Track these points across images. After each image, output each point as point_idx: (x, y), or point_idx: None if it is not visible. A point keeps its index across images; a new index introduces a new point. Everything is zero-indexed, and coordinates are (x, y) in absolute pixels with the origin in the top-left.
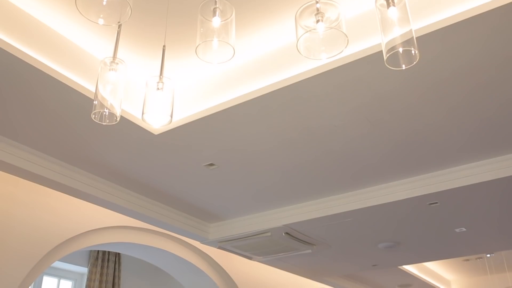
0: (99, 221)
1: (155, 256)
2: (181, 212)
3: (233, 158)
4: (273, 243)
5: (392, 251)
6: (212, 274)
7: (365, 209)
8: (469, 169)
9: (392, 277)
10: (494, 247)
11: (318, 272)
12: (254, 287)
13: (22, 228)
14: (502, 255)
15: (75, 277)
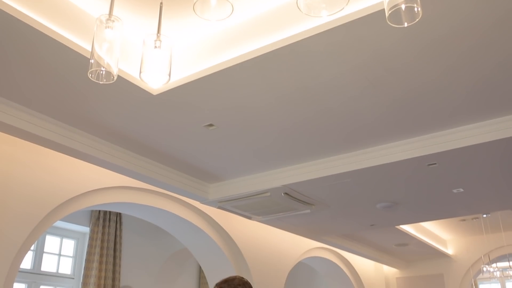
0: (99, 181)
1: (155, 215)
2: (181, 173)
3: (232, 118)
4: (272, 203)
5: (390, 211)
6: (212, 234)
7: (364, 169)
8: (468, 130)
9: (389, 237)
10: (491, 207)
11: (316, 232)
12: (254, 246)
13: (23, 189)
14: (498, 215)
15: (77, 236)
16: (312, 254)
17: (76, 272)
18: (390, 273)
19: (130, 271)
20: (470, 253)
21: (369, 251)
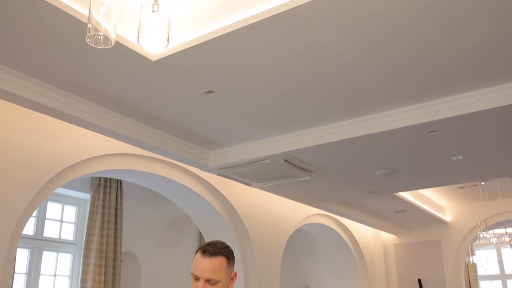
0: (99, 148)
1: (156, 182)
2: (180, 140)
3: (232, 85)
4: (272, 170)
5: (389, 178)
6: (212, 200)
7: (364, 137)
8: (468, 97)
9: (387, 204)
10: (489, 175)
11: (316, 199)
12: (253, 213)
13: (23, 156)
14: (496, 183)
15: (79, 203)
16: (311, 221)
17: (78, 238)
18: (388, 240)
19: (131, 237)
20: (467, 220)
21: (367, 217)
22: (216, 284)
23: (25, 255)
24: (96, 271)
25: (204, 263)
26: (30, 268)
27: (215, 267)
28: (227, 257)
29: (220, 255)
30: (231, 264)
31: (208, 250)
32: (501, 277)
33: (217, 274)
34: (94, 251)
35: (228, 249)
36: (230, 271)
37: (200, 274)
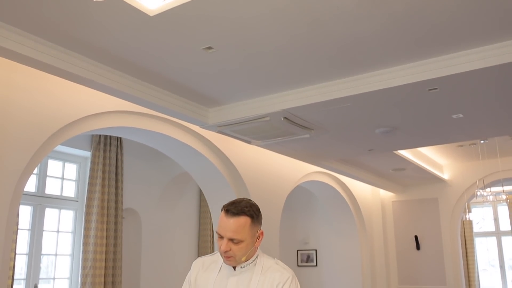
0: (99, 106)
1: (155, 140)
2: (180, 97)
3: (232, 41)
4: (271, 128)
5: (388, 136)
6: (212, 158)
7: (364, 94)
8: (470, 54)
9: (386, 162)
10: (489, 133)
11: (315, 156)
12: (253, 170)
13: (23, 113)
14: (495, 141)
15: (79, 160)
16: (311, 178)
17: (79, 195)
18: (386, 197)
19: (132, 194)
20: (465, 178)
21: (366, 175)
22: (239, 243)
23: (28, 212)
24: (98, 227)
25: (227, 223)
26: (33, 224)
27: (238, 227)
28: (251, 217)
29: (243, 215)
30: (256, 223)
31: (231, 210)
32: (496, 234)
33: (240, 234)
34: (95, 208)
35: (252, 208)
36: (255, 230)
37: (223, 233)
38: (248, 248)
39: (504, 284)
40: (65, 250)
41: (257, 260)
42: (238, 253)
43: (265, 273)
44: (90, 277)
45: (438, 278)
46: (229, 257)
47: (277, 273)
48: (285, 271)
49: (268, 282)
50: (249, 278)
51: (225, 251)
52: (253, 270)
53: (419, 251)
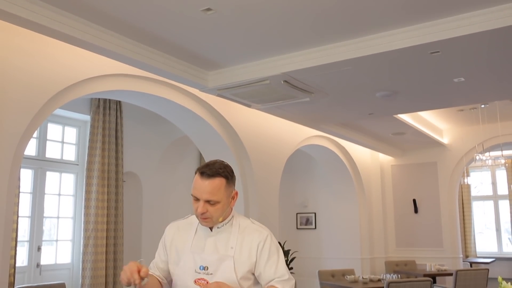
0: (98, 68)
1: (155, 103)
2: (179, 60)
3: (231, 2)
4: (271, 91)
5: (389, 100)
6: (211, 121)
7: (365, 57)
8: (473, 17)
9: (386, 126)
10: (490, 97)
11: (315, 120)
12: (253, 134)
13: (22, 76)
14: (496, 106)
15: (79, 124)
16: (310, 142)
17: (80, 159)
18: (386, 161)
19: (132, 158)
20: (465, 142)
21: (366, 139)
22: (215, 204)
23: (29, 175)
24: (99, 190)
25: (203, 185)
26: (35, 187)
27: (214, 189)
28: (226, 177)
29: (218, 176)
30: (231, 183)
31: (206, 172)
32: (493, 198)
33: (216, 195)
34: (96, 172)
35: (227, 168)
36: (230, 191)
37: (199, 195)
38: (224, 209)
39: (500, 247)
40: (67, 213)
41: (233, 220)
42: (215, 214)
43: (242, 232)
44: (92, 239)
45: (435, 240)
46: (206, 219)
47: (255, 233)
48: (263, 229)
49: (247, 242)
50: (227, 237)
51: (202, 213)
52: (230, 230)
53: (417, 214)
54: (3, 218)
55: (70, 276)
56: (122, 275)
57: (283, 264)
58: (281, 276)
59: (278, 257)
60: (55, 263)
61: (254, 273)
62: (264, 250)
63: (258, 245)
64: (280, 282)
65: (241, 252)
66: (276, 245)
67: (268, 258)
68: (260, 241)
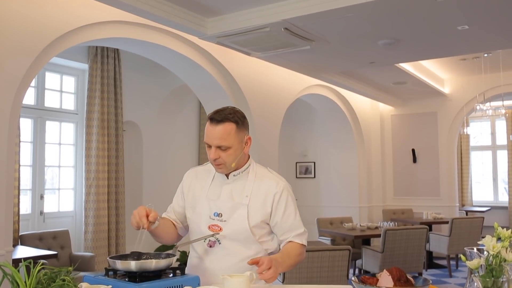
0: (96, 15)
1: (154, 52)
2: (178, 6)
3: None
4: (272, 39)
5: (391, 48)
6: (211, 70)
7: (367, 3)
8: None
9: (387, 75)
10: (494, 45)
11: (315, 69)
12: (253, 83)
13: (19, 22)
14: (499, 55)
15: (77, 73)
16: (311, 91)
17: (79, 108)
18: (386, 111)
19: (132, 107)
20: (466, 92)
21: (366, 89)
22: (227, 149)
23: (29, 125)
24: (99, 140)
25: (213, 131)
26: (35, 137)
27: (224, 134)
28: (236, 122)
29: (227, 121)
30: (242, 128)
31: (215, 117)
32: (492, 148)
33: (226, 140)
34: (95, 121)
35: (237, 114)
36: (242, 136)
37: (210, 142)
38: (237, 154)
39: (495, 196)
40: (68, 162)
41: (249, 168)
42: (227, 159)
43: (258, 181)
44: (93, 187)
45: (432, 190)
46: (219, 165)
47: (273, 182)
48: (280, 180)
49: (264, 189)
50: (243, 186)
51: (215, 159)
52: (246, 178)
53: (416, 164)
54: (5, 166)
55: (73, 224)
56: (132, 219)
57: (299, 216)
58: (298, 229)
59: (295, 209)
60: (58, 211)
61: (269, 223)
62: (281, 201)
63: (275, 196)
64: (297, 237)
65: (256, 201)
66: (293, 197)
67: (285, 209)
68: (277, 192)
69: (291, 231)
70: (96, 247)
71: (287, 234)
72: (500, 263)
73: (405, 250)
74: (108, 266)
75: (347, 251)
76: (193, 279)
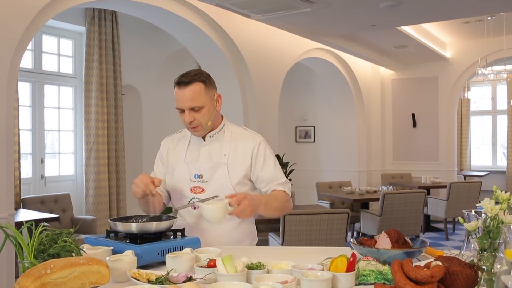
0: None
1: (152, 14)
2: None
3: None
4: (272, 0)
5: (393, 10)
6: (211, 33)
7: None
8: None
9: (389, 38)
10: (499, 7)
11: (316, 32)
12: (253, 46)
13: None
14: (502, 18)
15: (74, 36)
16: (311, 55)
17: (77, 72)
18: (386, 75)
19: (130, 71)
20: (468, 56)
21: (367, 52)
22: (200, 110)
23: (27, 89)
24: (98, 104)
25: (183, 94)
26: (34, 101)
27: (194, 94)
28: (203, 82)
29: (195, 82)
30: (210, 87)
31: (182, 80)
32: (492, 113)
33: (197, 101)
34: (94, 85)
35: (203, 73)
36: (211, 94)
37: (182, 105)
38: (210, 113)
39: (494, 161)
40: (67, 126)
41: (224, 128)
42: (202, 119)
43: (235, 139)
44: (94, 152)
45: (431, 154)
46: (196, 127)
47: (249, 138)
48: (256, 135)
49: (241, 146)
50: (220, 146)
51: (190, 122)
52: (223, 138)
53: (415, 128)
54: (4, 130)
55: (74, 188)
56: (135, 188)
57: (279, 167)
58: (279, 179)
59: (274, 160)
60: (59, 175)
61: (251, 178)
62: (259, 154)
63: (253, 150)
64: (280, 185)
65: (235, 158)
66: (270, 149)
67: (264, 161)
68: (254, 146)
69: (273, 181)
70: (97, 210)
71: (269, 185)
72: (497, 225)
73: (403, 213)
74: (109, 228)
75: (345, 214)
76: (193, 241)
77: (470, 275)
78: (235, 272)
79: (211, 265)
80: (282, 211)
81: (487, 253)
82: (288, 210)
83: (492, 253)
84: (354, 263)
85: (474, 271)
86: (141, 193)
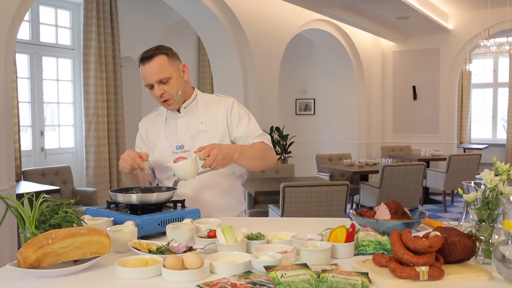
0: None
1: None
2: None
3: None
4: None
5: None
6: (210, 4)
7: None
8: None
9: (391, 9)
10: None
11: (316, 2)
12: (253, 17)
13: None
14: None
15: (72, 7)
16: (311, 26)
17: (75, 44)
18: (387, 47)
19: (129, 42)
20: (470, 27)
21: (368, 24)
22: (168, 81)
23: (25, 61)
24: (97, 76)
25: (148, 69)
26: (32, 73)
27: (159, 67)
28: (165, 53)
29: (157, 55)
30: (173, 58)
31: (145, 55)
32: (493, 86)
33: (163, 72)
34: (93, 57)
35: (163, 47)
36: (176, 65)
37: (150, 80)
38: (179, 83)
39: (494, 134)
40: (66, 99)
41: (197, 98)
42: (172, 90)
43: (209, 106)
44: (93, 124)
45: (431, 127)
46: (167, 100)
47: (222, 102)
48: (228, 97)
49: (216, 113)
50: (196, 115)
51: (161, 95)
52: (197, 107)
53: (416, 101)
54: (3, 102)
55: (74, 160)
56: (122, 164)
57: (255, 122)
58: (254, 133)
59: (248, 117)
60: (59, 147)
61: (231, 139)
62: (234, 114)
63: (227, 111)
64: (257, 138)
65: (212, 123)
66: (244, 108)
67: (238, 120)
68: (228, 107)
69: (249, 136)
70: (98, 182)
71: (247, 141)
72: (496, 196)
73: (402, 186)
74: (110, 199)
75: (345, 186)
76: (193, 212)
77: (468, 245)
78: (235, 243)
79: (211, 235)
80: (262, 160)
81: (486, 224)
82: (272, 161)
83: (491, 224)
84: (353, 234)
85: (472, 241)
86: (129, 167)
